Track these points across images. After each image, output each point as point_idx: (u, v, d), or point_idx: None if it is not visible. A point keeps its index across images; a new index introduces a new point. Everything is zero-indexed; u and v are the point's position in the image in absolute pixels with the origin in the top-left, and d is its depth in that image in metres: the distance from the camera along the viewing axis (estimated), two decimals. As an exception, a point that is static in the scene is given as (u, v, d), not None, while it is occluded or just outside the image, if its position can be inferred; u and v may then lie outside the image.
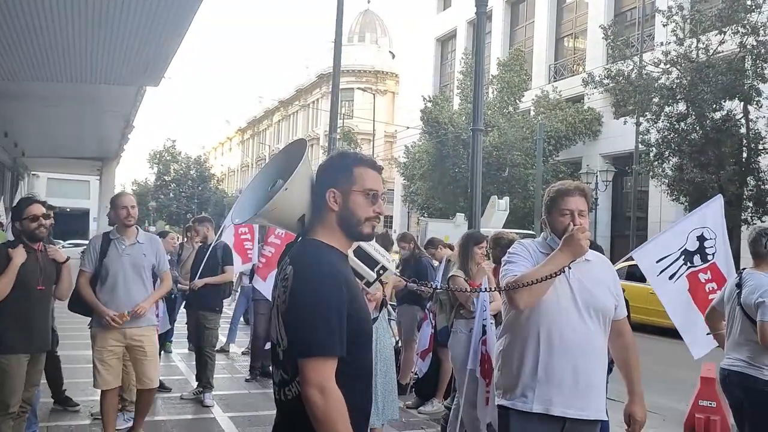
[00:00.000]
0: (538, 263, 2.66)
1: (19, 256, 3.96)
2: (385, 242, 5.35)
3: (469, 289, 4.47)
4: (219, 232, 7.05)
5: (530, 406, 2.59)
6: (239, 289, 9.98)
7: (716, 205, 5.09)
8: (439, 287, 5.11)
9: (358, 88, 45.51)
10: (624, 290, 2.96)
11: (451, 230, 15.97)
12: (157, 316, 5.29)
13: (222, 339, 8.95)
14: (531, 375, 2.61)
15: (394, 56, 47.66)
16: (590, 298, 2.66)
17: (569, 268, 2.58)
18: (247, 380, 7.32)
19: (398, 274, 2.90)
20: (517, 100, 26.50)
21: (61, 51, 6.20)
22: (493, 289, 2.59)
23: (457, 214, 16.20)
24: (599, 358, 2.69)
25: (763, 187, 18.20)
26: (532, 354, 2.62)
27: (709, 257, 4.81)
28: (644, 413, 2.85)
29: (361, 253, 2.18)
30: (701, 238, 4.81)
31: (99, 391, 4.64)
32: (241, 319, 10.03)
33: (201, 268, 6.45)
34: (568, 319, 2.62)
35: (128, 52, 6.18)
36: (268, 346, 4.54)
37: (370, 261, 2.20)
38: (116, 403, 4.74)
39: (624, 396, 2.94)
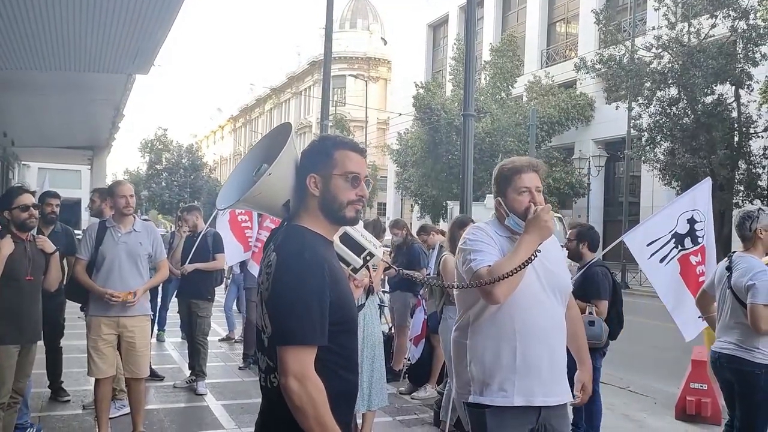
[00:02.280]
0: (501, 248, 2.54)
1: (7, 246, 3.93)
2: (376, 230, 5.33)
3: (445, 283, 4.44)
4: (210, 220, 7.03)
5: (511, 400, 2.46)
6: (230, 277, 9.97)
7: (705, 188, 5.09)
8: (427, 278, 5.10)
9: (350, 75, 45.35)
10: None
11: (482, 212, 15.63)
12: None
13: (215, 328, 8.96)
14: (509, 367, 2.48)
15: (386, 43, 47.46)
16: (553, 278, 2.58)
17: (539, 251, 2.46)
18: (240, 368, 7.33)
19: (387, 260, 2.87)
20: (509, 86, 26.47)
21: (48, 39, 6.13)
22: (474, 285, 2.41)
23: (487, 195, 15.52)
24: (564, 338, 2.62)
25: (753, 170, 18.31)
26: (508, 344, 2.48)
27: (700, 239, 4.83)
28: (591, 381, 2.84)
29: (347, 240, 2.16)
30: (692, 221, 4.82)
31: (91, 381, 4.64)
32: (234, 307, 10.02)
33: (190, 256, 6.45)
34: (539, 304, 2.52)
35: (117, 40, 6.11)
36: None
37: (356, 247, 2.18)
38: (110, 393, 4.73)
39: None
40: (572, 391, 2.71)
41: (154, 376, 6.49)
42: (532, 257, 2.41)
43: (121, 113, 10.71)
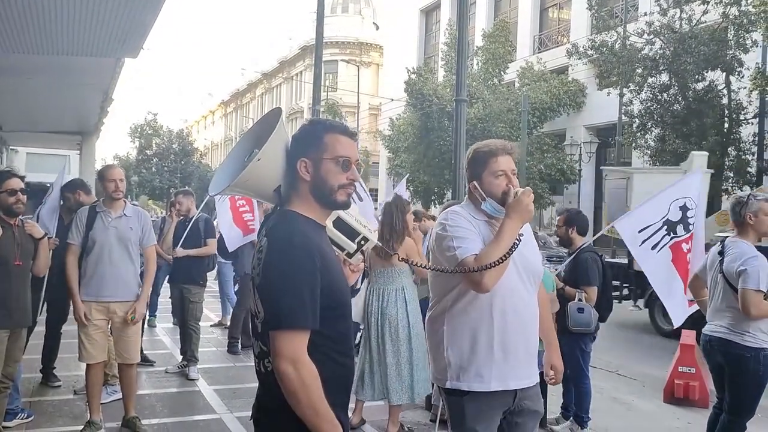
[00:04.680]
0: (480, 232, 2.51)
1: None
2: (399, 208, 4.93)
3: (425, 265, 4.44)
4: (201, 205, 7.00)
5: (488, 385, 2.48)
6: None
7: (698, 175, 5.11)
8: (426, 265, 5.09)
9: (342, 60, 45.04)
10: None
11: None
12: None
13: (207, 313, 8.95)
14: (486, 353, 2.48)
15: (378, 27, 47.13)
16: (527, 264, 2.57)
17: (522, 234, 2.46)
18: (233, 353, 7.35)
19: (382, 245, 2.85)
20: (501, 72, 26.38)
21: (35, 22, 6.05)
22: (473, 270, 2.39)
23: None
24: (537, 322, 2.64)
25: (743, 157, 18.39)
26: (486, 331, 2.48)
27: (691, 227, 4.84)
28: (561, 362, 2.87)
29: (341, 225, 2.15)
30: (684, 208, 4.83)
31: (82, 366, 4.63)
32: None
33: (182, 241, 6.43)
34: (515, 289, 2.51)
35: (105, 23, 6.04)
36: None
37: (350, 232, 2.16)
38: (102, 378, 4.73)
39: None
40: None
41: (145, 361, 6.49)
42: (517, 242, 2.40)
43: (110, 97, 10.61)
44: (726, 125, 18.58)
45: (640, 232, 4.90)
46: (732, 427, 3.89)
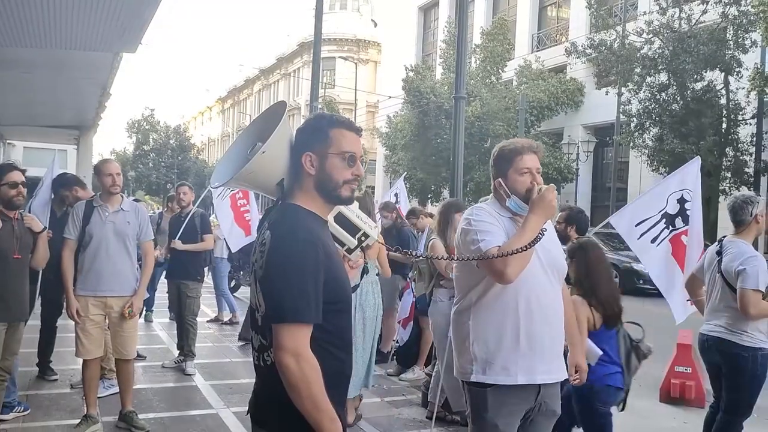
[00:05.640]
0: (505, 228, 2.56)
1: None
2: (366, 206, 5.14)
3: (446, 256, 4.48)
4: (198, 200, 6.99)
5: (514, 379, 2.50)
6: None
7: (694, 168, 5.10)
8: (421, 256, 5.10)
9: (340, 57, 44.99)
10: None
11: None
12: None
13: (204, 309, 8.94)
14: (512, 346, 2.51)
15: (376, 25, 47.07)
16: (551, 259, 2.62)
17: (546, 229, 2.51)
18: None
19: (381, 241, 2.85)
20: (500, 70, 26.37)
21: (33, 15, 6.02)
22: (471, 259, 2.44)
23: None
24: (562, 317, 2.68)
25: (741, 157, 18.42)
26: (512, 324, 2.52)
27: (689, 219, 4.85)
28: (585, 362, 2.90)
29: (342, 220, 2.14)
30: (682, 201, 4.83)
31: (79, 361, 4.61)
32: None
33: (178, 235, 6.42)
34: (540, 284, 2.55)
35: (103, 17, 6.01)
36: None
37: (351, 228, 2.15)
38: (98, 373, 4.71)
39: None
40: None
41: (137, 355, 6.47)
42: (540, 236, 2.45)
43: (107, 92, 10.57)
44: (724, 125, 18.60)
45: (637, 225, 4.89)
46: (728, 427, 3.90)
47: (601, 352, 3.41)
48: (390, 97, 31.06)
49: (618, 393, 3.55)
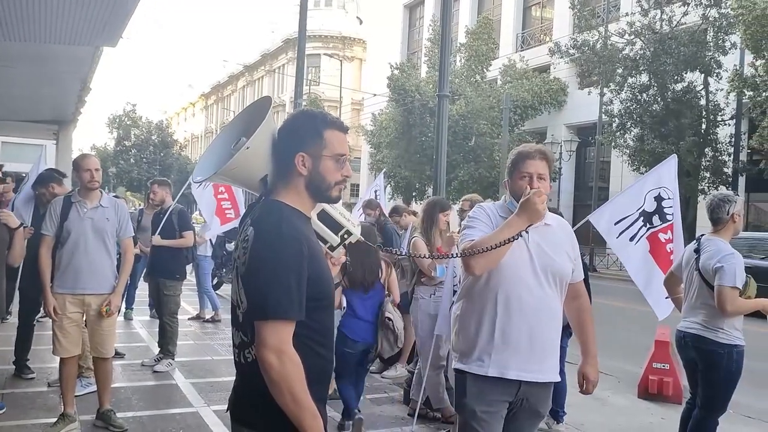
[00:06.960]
0: (497, 227, 2.63)
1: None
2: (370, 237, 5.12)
3: (428, 255, 4.49)
4: (177, 196, 6.93)
5: (486, 370, 2.59)
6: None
7: (671, 165, 5.14)
8: (404, 254, 5.10)
9: (325, 54, 44.85)
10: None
11: None
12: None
13: (185, 307, 8.88)
14: (488, 339, 2.61)
15: (361, 22, 47.02)
16: (548, 261, 2.65)
17: (527, 232, 2.56)
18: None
19: (363, 239, 2.84)
20: (484, 69, 26.48)
21: (12, 8, 5.94)
22: (453, 256, 2.54)
23: None
24: (554, 321, 2.70)
25: (719, 157, 18.67)
26: (489, 318, 2.61)
27: (668, 217, 4.88)
28: (597, 374, 2.90)
29: (325, 217, 2.13)
30: (659, 198, 4.87)
31: (56, 359, 4.55)
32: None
33: (158, 231, 6.37)
34: (525, 283, 2.60)
35: (84, 10, 5.94)
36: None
37: (334, 225, 2.15)
38: (76, 371, 4.65)
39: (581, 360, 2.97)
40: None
41: (116, 354, 6.41)
42: (516, 237, 2.51)
43: (87, 87, 10.44)
44: (703, 126, 18.84)
45: (616, 224, 4.93)
46: (704, 423, 3.94)
47: None
48: (375, 94, 31.07)
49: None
